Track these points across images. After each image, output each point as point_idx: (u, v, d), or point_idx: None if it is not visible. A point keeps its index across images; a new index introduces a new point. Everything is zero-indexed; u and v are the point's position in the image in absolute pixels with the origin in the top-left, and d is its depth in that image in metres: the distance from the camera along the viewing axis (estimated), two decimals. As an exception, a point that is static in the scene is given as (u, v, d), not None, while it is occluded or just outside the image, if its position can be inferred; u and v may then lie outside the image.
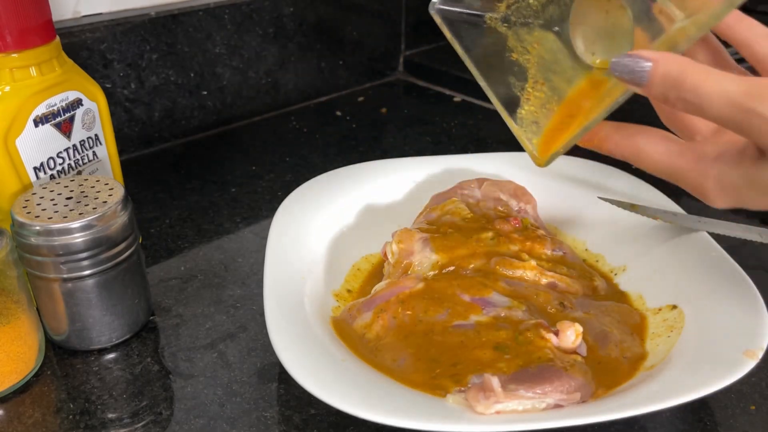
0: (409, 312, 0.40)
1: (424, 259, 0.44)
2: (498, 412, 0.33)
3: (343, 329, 0.41)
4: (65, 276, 0.40)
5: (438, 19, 0.40)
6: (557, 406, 0.34)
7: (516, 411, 0.34)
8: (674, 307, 0.42)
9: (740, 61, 0.35)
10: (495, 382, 0.34)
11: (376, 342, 0.39)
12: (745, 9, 0.34)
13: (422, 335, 0.39)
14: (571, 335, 0.37)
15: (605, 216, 0.50)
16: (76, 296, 0.41)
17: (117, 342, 0.43)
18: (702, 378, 0.34)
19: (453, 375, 0.36)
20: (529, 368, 0.35)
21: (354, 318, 0.41)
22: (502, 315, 0.39)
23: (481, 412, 0.33)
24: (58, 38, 0.43)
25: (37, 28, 0.41)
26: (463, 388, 0.35)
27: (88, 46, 0.61)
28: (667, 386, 0.34)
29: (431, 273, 0.43)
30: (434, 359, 0.37)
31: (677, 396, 0.33)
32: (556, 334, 0.37)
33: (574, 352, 0.38)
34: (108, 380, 0.41)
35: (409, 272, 0.44)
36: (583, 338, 0.38)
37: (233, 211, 0.58)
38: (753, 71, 0.33)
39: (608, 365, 0.38)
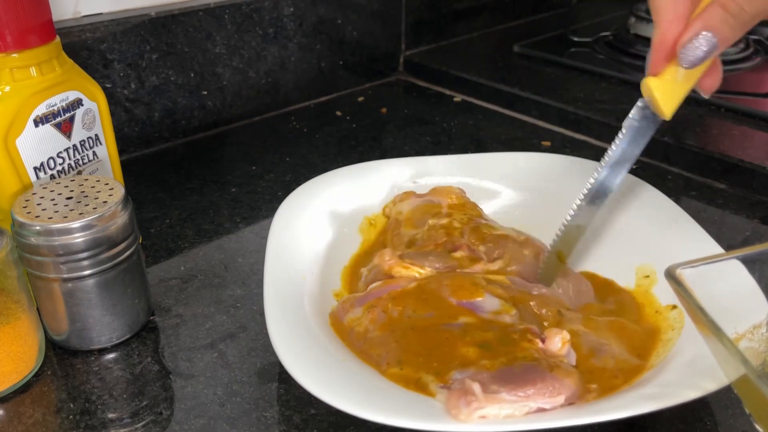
0: (398, 308, 0.40)
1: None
2: (482, 417, 0.33)
3: (335, 322, 0.41)
4: (65, 276, 0.40)
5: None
6: (540, 410, 0.34)
7: (499, 417, 0.33)
8: (674, 307, 0.42)
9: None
10: (476, 387, 0.33)
11: (365, 335, 0.39)
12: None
13: (408, 329, 0.39)
14: (557, 342, 0.37)
15: (605, 215, 0.50)
16: (76, 296, 0.41)
17: (117, 342, 0.43)
18: (702, 378, 0.34)
19: (435, 370, 0.36)
20: (514, 367, 0.35)
21: (346, 311, 0.42)
22: (489, 319, 0.39)
23: (463, 421, 0.33)
24: (58, 38, 0.43)
25: (37, 28, 0.41)
26: (445, 385, 0.35)
27: (88, 46, 0.61)
28: (667, 386, 0.34)
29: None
30: (418, 353, 0.37)
31: (677, 396, 0.33)
32: (543, 340, 0.37)
33: (560, 358, 0.37)
34: (108, 380, 0.41)
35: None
36: (577, 347, 0.38)
37: (233, 211, 0.58)
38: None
39: (600, 374, 0.38)
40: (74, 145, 0.45)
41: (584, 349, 0.39)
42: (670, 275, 0.33)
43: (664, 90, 0.40)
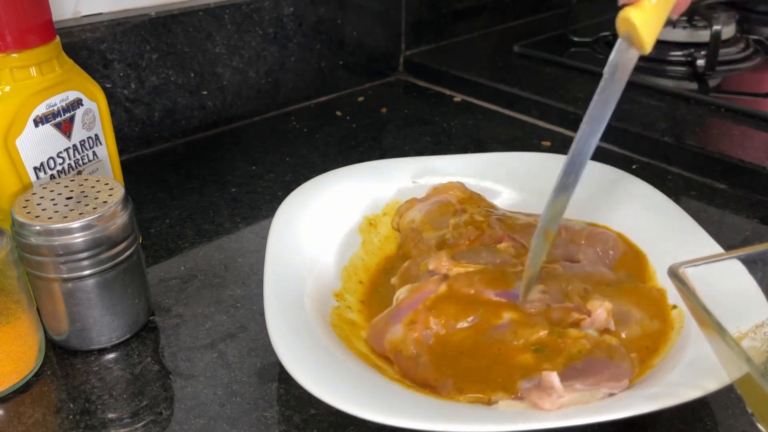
0: (440, 320, 0.39)
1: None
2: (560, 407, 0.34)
3: (375, 349, 0.40)
4: (65, 276, 0.40)
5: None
6: (611, 395, 0.35)
7: (577, 403, 0.34)
8: (674, 307, 0.42)
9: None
10: (554, 377, 0.34)
11: (416, 360, 0.38)
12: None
13: (458, 355, 0.38)
14: (602, 314, 0.38)
15: (605, 215, 0.50)
16: (76, 296, 0.41)
17: (117, 342, 0.43)
18: (702, 378, 0.34)
19: (501, 386, 0.36)
20: (575, 364, 0.36)
21: (384, 333, 0.40)
22: (530, 311, 0.39)
23: (549, 409, 0.34)
24: (58, 38, 0.43)
25: (37, 28, 0.41)
26: (516, 396, 0.35)
27: (88, 46, 0.61)
28: (667, 386, 0.34)
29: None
30: (478, 380, 0.36)
31: (677, 396, 0.33)
32: (589, 314, 0.38)
33: (606, 330, 0.38)
34: (108, 380, 0.41)
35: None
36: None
37: (233, 211, 0.58)
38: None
39: (633, 342, 0.39)
40: (74, 145, 0.45)
41: (614, 320, 0.39)
42: (674, 273, 0.33)
43: (645, 19, 0.36)
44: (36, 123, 0.42)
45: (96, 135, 0.46)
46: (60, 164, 0.44)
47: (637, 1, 0.36)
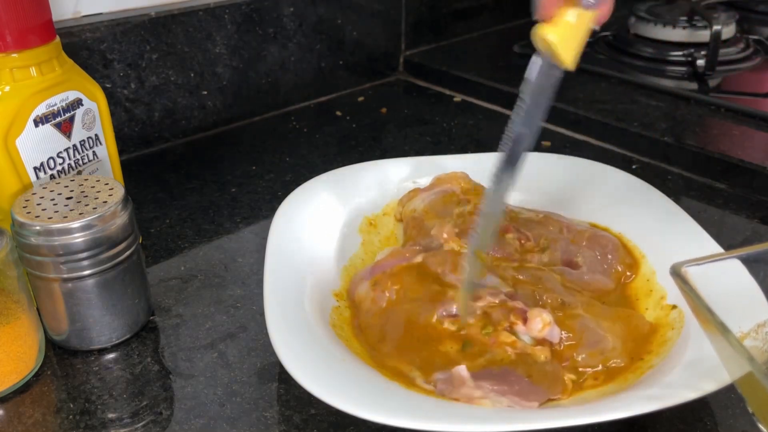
0: (396, 287, 0.41)
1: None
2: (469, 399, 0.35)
3: (350, 295, 0.43)
4: (65, 276, 0.40)
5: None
6: (511, 407, 0.35)
7: (485, 405, 0.35)
8: (674, 307, 0.42)
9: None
10: (465, 372, 0.36)
11: (369, 320, 0.41)
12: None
13: (402, 321, 0.40)
14: (537, 324, 0.38)
15: (605, 215, 0.50)
16: (76, 296, 0.41)
17: (117, 342, 0.43)
18: (702, 378, 0.34)
19: (420, 366, 0.38)
20: (492, 369, 0.36)
21: (355, 287, 0.43)
22: (483, 295, 0.40)
23: (455, 399, 0.35)
24: (58, 38, 0.43)
25: (37, 28, 0.41)
26: (428, 381, 0.37)
27: (88, 46, 0.61)
28: (667, 386, 0.34)
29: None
30: (404, 351, 0.38)
31: (677, 396, 0.33)
32: (524, 322, 0.38)
33: (543, 340, 0.38)
34: (108, 380, 0.41)
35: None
36: (571, 330, 0.39)
37: (233, 211, 0.58)
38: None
39: (584, 368, 0.39)
40: (74, 145, 0.45)
41: (577, 338, 0.39)
42: (676, 273, 0.33)
43: (562, 36, 0.34)
44: (36, 123, 0.42)
45: (96, 135, 0.46)
46: (60, 164, 0.44)
47: (553, 18, 0.34)
